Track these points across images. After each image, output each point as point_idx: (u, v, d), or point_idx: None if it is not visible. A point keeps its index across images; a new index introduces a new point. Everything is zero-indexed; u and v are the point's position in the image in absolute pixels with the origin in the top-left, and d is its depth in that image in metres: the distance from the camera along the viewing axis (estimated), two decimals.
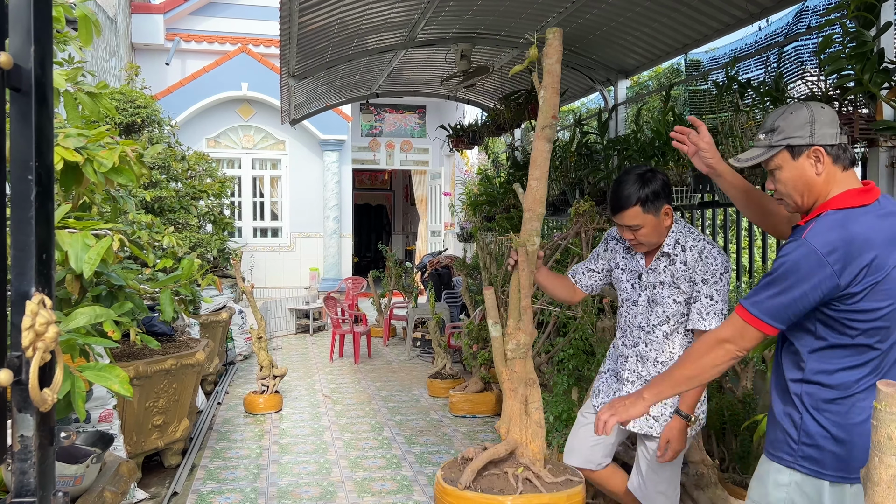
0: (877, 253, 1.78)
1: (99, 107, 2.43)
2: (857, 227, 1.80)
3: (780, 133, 1.93)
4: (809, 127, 1.90)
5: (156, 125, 6.28)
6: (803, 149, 1.90)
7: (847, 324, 1.82)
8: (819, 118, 1.91)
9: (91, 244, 1.87)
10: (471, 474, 2.48)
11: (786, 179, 1.94)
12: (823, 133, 1.90)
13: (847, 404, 1.83)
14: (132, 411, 4.23)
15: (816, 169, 1.90)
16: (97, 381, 1.68)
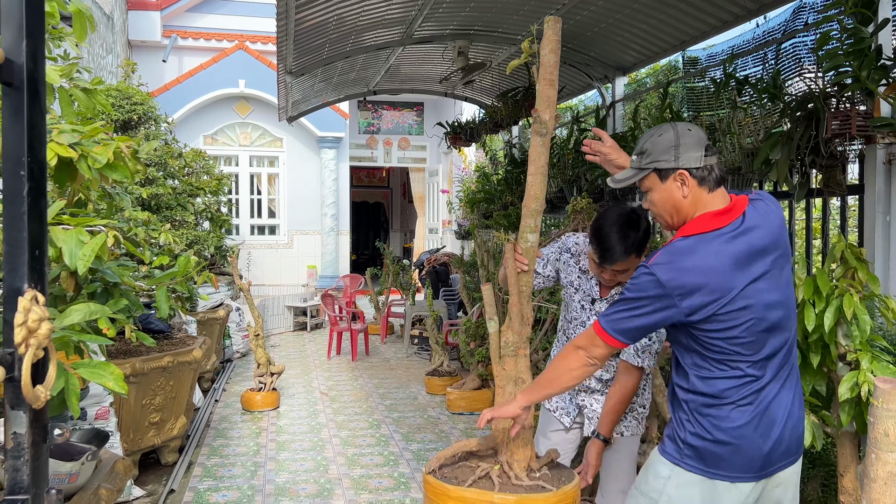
0: (719, 280, 1.83)
1: (94, 103, 2.42)
2: (697, 258, 1.85)
3: (648, 156, 1.97)
4: (674, 150, 1.94)
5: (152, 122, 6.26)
6: (669, 172, 1.94)
7: (709, 343, 1.89)
8: (684, 141, 1.94)
9: (85, 241, 1.86)
10: (436, 461, 2.49)
11: (656, 200, 2.00)
12: (688, 156, 1.93)
13: (726, 410, 1.89)
14: (129, 409, 4.22)
15: (682, 191, 1.94)
16: (92, 378, 1.67)
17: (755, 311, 1.86)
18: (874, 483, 1.62)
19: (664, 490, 1.93)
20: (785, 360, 1.95)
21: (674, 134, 1.97)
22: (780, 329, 1.93)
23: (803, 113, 3.74)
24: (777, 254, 1.94)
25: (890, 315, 2.81)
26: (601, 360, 2.01)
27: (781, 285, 1.95)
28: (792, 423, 1.91)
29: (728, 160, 4.44)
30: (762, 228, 1.93)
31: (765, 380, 1.89)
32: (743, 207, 1.94)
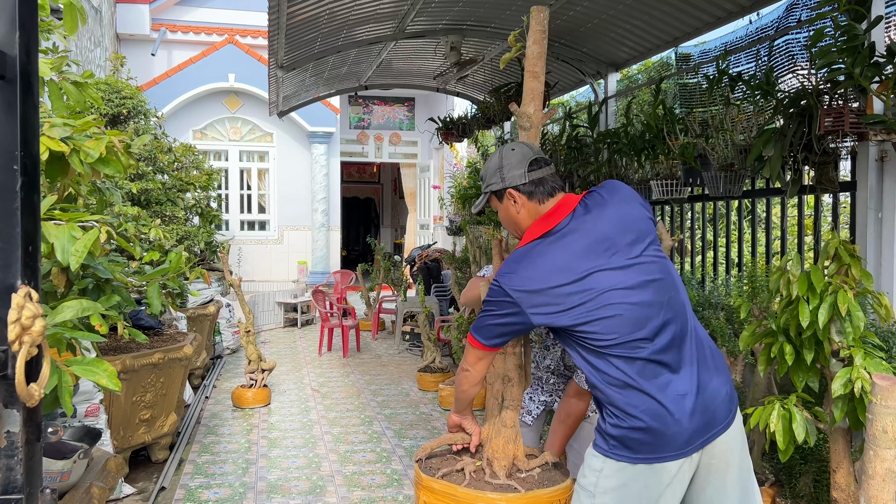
0: (555, 280, 1.92)
1: (84, 97, 2.39)
2: (528, 263, 1.97)
3: (484, 182, 2.16)
4: (499, 172, 2.10)
5: (142, 116, 6.19)
6: (501, 192, 2.11)
7: (586, 338, 1.95)
8: (506, 161, 2.10)
9: (78, 236, 1.83)
10: (422, 451, 2.51)
11: (502, 219, 2.19)
12: (512, 175, 2.08)
13: (630, 395, 1.92)
14: (119, 406, 4.18)
15: (515, 208, 2.10)
16: (85, 375, 1.64)
17: (609, 299, 1.90)
18: (872, 479, 1.61)
19: (598, 483, 1.98)
20: (681, 336, 1.95)
21: (497, 157, 2.15)
22: (659, 308, 1.94)
23: (796, 110, 3.74)
24: (630, 238, 1.98)
25: (883, 311, 2.83)
26: (472, 364, 2.19)
27: (647, 268, 1.97)
28: (706, 395, 1.91)
29: (721, 156, 4.44)
30: (598, 219, 1.99)
31: (662, 358, 1.92)
32: (572, 206, 2.04)
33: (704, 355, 2.00)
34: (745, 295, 3.60)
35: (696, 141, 4.63)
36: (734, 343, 3.98)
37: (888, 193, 3.61)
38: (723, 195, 4.55)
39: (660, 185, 5.06)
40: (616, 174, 5.79)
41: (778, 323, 2.93)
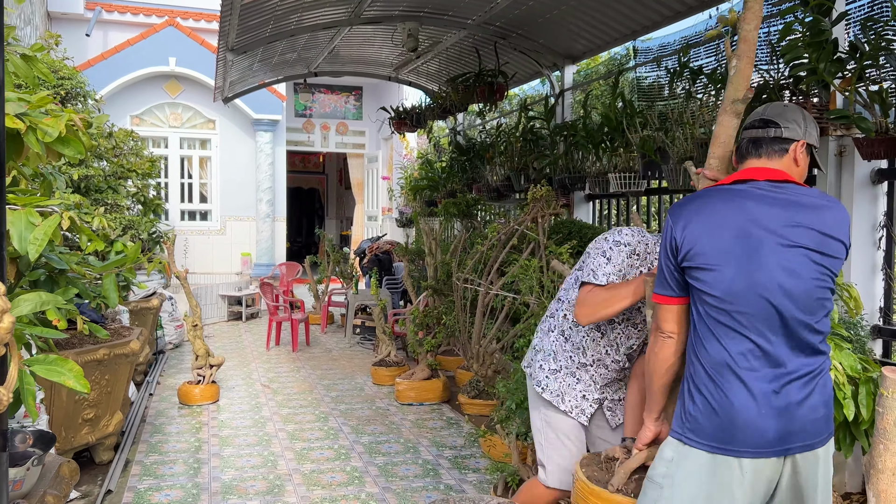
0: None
1: (34, 71, 2.19)
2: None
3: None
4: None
5: (81, 98, 5.84)
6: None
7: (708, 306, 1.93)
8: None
9: (36, 223, 1.66)
10: (623, 476, 2.24)
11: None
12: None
13: (727, 379, 1.84)
14: (61, 405, 3.93)
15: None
16: (49, 376, 1.49)
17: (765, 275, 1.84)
18: (882, 474, 1.59)
19: (669, 474, 1.89)
20: (793, 337, 1.83)
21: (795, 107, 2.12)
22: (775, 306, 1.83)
23: (757, 104, 3.79)
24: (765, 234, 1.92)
25: (852, 304, 2.87)
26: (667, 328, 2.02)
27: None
28: (801, 404, 1.77)
29: (680, 150, 4.47)
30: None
31: (773, 352, 1.81)
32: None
33: (818, 364, 1.86)
34: None
35: (655, 134, 4.66)
36: None
37: (846, 188, 3.68)
38: (682, 188, 4.59)
39: (618, 178, 5.07)
40: (573, 167, 5.79)
41: None
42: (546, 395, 2.63)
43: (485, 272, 4.66)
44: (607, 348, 2.60)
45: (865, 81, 3.34)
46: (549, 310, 2.78)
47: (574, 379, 2.62)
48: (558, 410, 2.62)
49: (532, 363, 2.74)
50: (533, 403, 2.74)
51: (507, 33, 6.38)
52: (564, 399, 2.61)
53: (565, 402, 2.61)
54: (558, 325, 2.67)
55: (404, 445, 4.74)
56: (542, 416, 2.69)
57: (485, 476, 4.15)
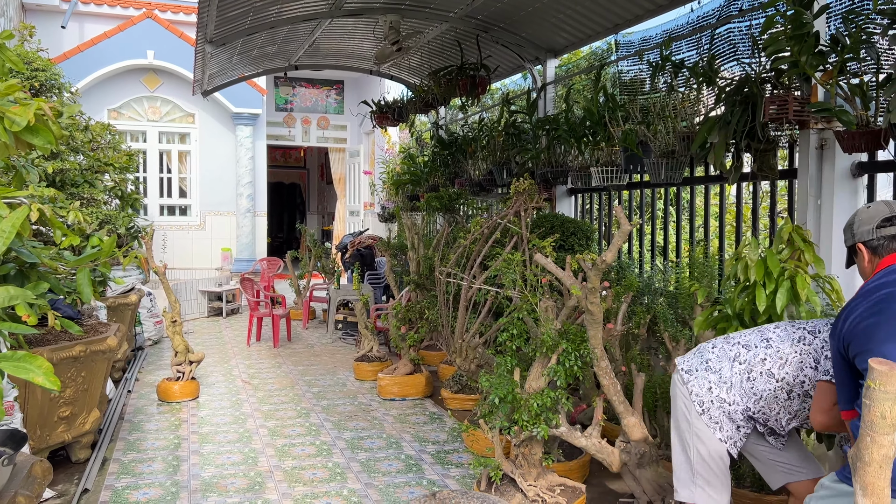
0: None
1: (3, 59, 2.12)
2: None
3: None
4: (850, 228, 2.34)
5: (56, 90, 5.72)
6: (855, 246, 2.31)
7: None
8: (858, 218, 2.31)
9: (4, 214, 1.60)
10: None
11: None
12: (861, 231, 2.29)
13: None
14: (36, 403, 3.85)
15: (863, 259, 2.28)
16: (17, 373, 1.44)
17: None
18: (869, 466, 1.59)
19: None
20: None
21: (853, 217, 2.36)
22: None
23: (740, 97, 3.79)
24: None
25: (834, 296, 2.88)
26: None
27: None
28: None
29: (662, 143, 4.47)
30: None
31: None
32: None
33: None
34: (704, 280, 3.62)
35: (637, 128, 4.65)
36: (677, 328, 4.02)
37: (826, 181, 3.70)
38: (664, 182, 4.59)
39: (600, 172, 5.07)
40: (555, 161, 5.78)
41: (733, 307, 2.95)
42: (704, 418, 2.57)
43: (468, 266, 4.63)
44: (780, 411, 2.53)
45: (847, 75, 3.34)
46: (743, 339, 2.63)
47: (738, 415, 2.57)
48: (713, 436, 2.57)
49: (696, 374, 2.63)
50: (685, 418, 2.64)
51: (489, 26, 6.35)
52: (722, 428, 2.56)
53: (722, 432, 2.56)
54: (750, 362, 2.56)
55: (387, 441, 4.71)
56: (694, 436, 2.61)
57: (468, 471, 4.13)
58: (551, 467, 3.64)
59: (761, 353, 2.53)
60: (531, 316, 3.79)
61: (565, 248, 5.33)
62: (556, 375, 3.34)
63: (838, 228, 3.63)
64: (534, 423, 3.28)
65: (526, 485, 3.40)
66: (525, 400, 3.34)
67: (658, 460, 3.34)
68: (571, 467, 3.86)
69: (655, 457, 3.35)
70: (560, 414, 3.39)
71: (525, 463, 3.46)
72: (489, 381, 3.40)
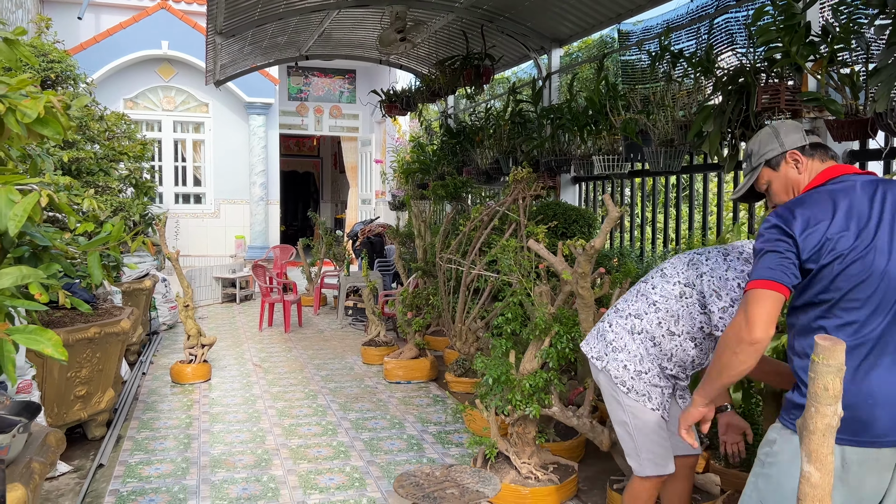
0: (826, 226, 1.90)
1: (17, 54, 2.25)
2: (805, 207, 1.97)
3: (753, 157, 2.22)
4: (776, 139, 2.17)
5: (71, 81, 5.89)
6: (779, 159, 2.14)
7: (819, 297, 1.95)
8: (782, 129, 2.19)
9: (16, 199, 1.74)
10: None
11: (776, 191, 2.17)
12: (791, 139, 2.15)
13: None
14: (53, 382, 4.03)
15: (798, 169, 2.12)
16: (28, 344, 1.58)
17: (868, 263, 1.87)
18: (813, 434, 1.69)
19: (772, 453, 1.96)
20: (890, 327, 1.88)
21: (767, 130, 2.21)
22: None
23: (735, 87, 3.85)
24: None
25: None
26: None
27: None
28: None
29: (661, 132, 4.55)
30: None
31: (870, 332, 1.86)
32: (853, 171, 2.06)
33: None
34: None
35: (637, 117, 4.73)
36: None
37: None
38: (663, 170, 4.67)
39: (601, 160, 5.15)
40: (559, 149, 5.86)
41: None
42: (632, 395, 2.68)
43: (468, 253, 4.74)
44: (695, 357, 2.68)
45: (837, 64, 3.41)
46: (632, 309, 2.75)
47: (659, 379, 2.70)
48: (645, 408, 2.69)
49: (606, 358, 2.75)
50: (615, 399, 2.75)
51: (494, 16, 6.42)
52: (651, 399, 2.68)
53: (652, 401, 2.69)
54: (648, 330, 2.69)
55: (390, 422, 4.85)
56: (628, 413, 2.71)
57: (467, 450, 4.27)
58: (545, 446, 3.76)
59: (653, 317, 2.68)
60: (528, 300, 3.90)
61: (567, 236, 5.42)
62: (549, 357, 3.45)
63: None
64: (526, 403, 3.40)
65: (520, 462, 3.53)
66: (518, 381, 3.46)
67: None
68: (566, 447, 3.98)
69: None
70: (552, 394, 3.51)
71: (519, 441, 3.58)
72: (483, 363, 3.52)
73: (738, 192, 2.30)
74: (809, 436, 1.67)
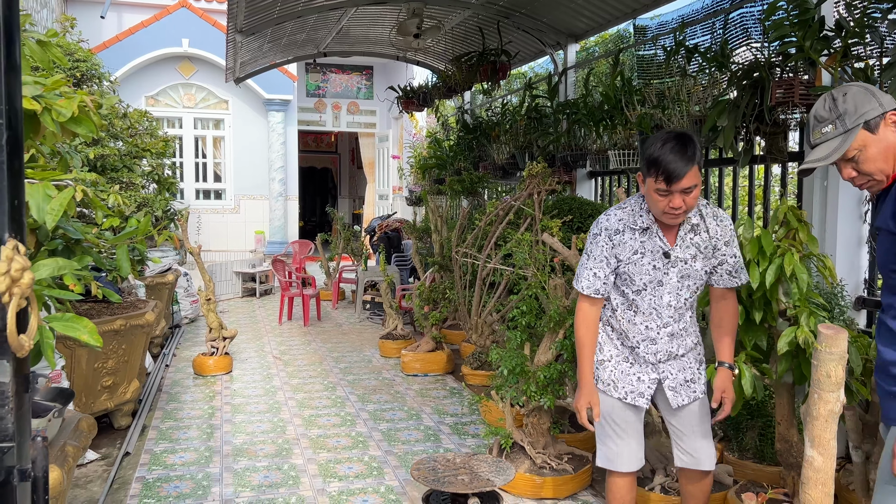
0: None
1: (49, 55, 2.35)
2: None
3: (847, 117, 1.92)
4: (873, 98, 1.93)
5: (96, 80, 6.03)
6: (878, 120, 1.91)
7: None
8: (871, 88, 1.95)
9: (52, 195, 1.83)
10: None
11: (872, 157, 1.92)
12: (888, 98, 1.93)
13: None
14: (81, 372, 4.16)
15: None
16: (65, 331, 1.67)
17: None
18: (816, 420, 1.75)
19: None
20: None
21: (857, 88, 1.96)
22: None
23: (749, 81, 3.88)
24: None
25: (827, 273, 3.00)
26: None
27: None
28: None
29: (677, 127, 4.57)
30: None
31: None
32: None
33: None
34: None
35: (652, 111, 4.76)
36: None
37: None
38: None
39: (617, 155, 5.18)
40: (575, 144, 5.90)
41: None
42: (599, 385, 2.68)
43: (484, 247, 4.81)
44: (647, 322, 2.62)
45: (851, 59, 3.42)
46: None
47: (627, 364, 2.67)
48: (612, 398, 2.67)
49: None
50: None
51: (510, 12, 6.46)
52: (617, 386, 2.66)
53: (619, 389, 2.66)
54: (604, 316, 2.72)
55: (408, 413, 4.94)
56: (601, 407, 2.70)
57: (483, 441, 4.34)
58: (560, 437, 3.82)
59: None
60: (543, 293, 3.96)
61: (583, 230, 5.46)
62: (564, 349, 3.51)
63: (844, 211, 3.72)
64: (541, 394, 3.46)
65: (534, 452, 3.59)
66: (533, 372, 3.52)
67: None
68: (581, 438, 4.04)
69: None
70: (567, 386, 3.57)
71: (534, 432, 3.65)
72: (499, 355, 3.59)
73: (830, 157, 1.94)
74: (812, 421, 1.72)
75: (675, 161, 2.36)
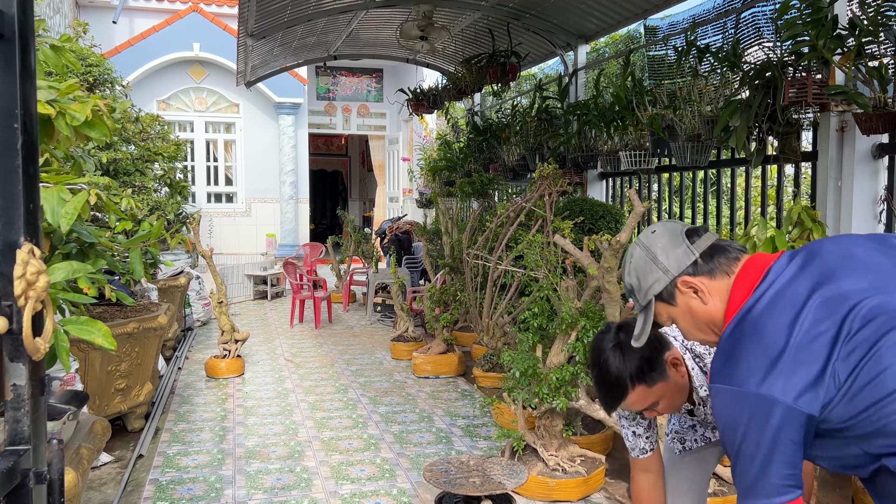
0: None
1: (63, 60, 2.37)
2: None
3: (637, 292, 1.64)
4: (654, 264, 1.59)
5: (108, 85, 6.08)
6: (671, 290, 1.58)
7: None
8: (657, 246, 1.61)
9: (67, 198, 1.84)
10: None
11: (685, 329, 1.62)
12: (675, 256, 1.58)
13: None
14: (94, 375, 4.18)
15: (701, 299, 1.55)
16: (80, 334, 1.67)
17: None
18: None
19: None
20: None
21: (639, 251, 1.63)
22: None
23: (761, 81, 3.86)
24: None
25: None
26: None
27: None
28: None
29: (688, 127, 4.55)
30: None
31: None
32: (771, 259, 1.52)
33: None
34: None
35: (664, 112, 4.73)
36: None
37: (847, 163, 3.75)
38: (690, 165, 4.68)
39: (628, 156, 5.17)
40: (585, 145, 5.88)
41: None
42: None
43: (495, 248, 4.80)
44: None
45: (864, 57, 3.40)
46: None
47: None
48: None
49: None
50: None
51: (520, 14, 6.46)
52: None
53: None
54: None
55: (419, 415, 4.93)
56: None
57: (495, 443, 4.33)
58: (572, 439, 3.81)
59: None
60: (555, 295, 3.95)
61: (595, 232, 5.44)
62: (576, 351, 3.50)
63: (858, 210, 3.69)
64: (553, 396, 3.45)
65: (547, 454, 3.58)
66: (545, 374, 3.51)
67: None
68: (594, 440, 4.02)
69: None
70: (579, 388, 3.55)
71: (546, 434, 3.64)
72: (511, 357, 3.58)
73: (639, 338, 1.66)
74: None
75: (603, 401, 1.99)
